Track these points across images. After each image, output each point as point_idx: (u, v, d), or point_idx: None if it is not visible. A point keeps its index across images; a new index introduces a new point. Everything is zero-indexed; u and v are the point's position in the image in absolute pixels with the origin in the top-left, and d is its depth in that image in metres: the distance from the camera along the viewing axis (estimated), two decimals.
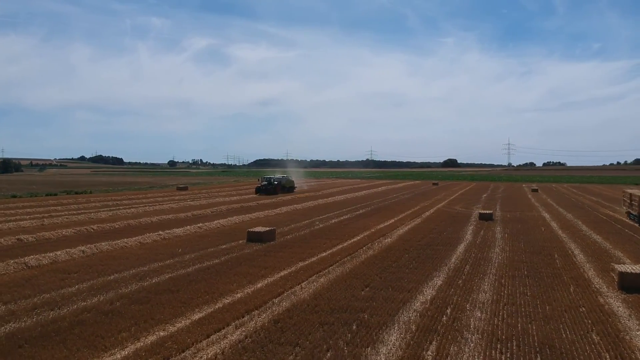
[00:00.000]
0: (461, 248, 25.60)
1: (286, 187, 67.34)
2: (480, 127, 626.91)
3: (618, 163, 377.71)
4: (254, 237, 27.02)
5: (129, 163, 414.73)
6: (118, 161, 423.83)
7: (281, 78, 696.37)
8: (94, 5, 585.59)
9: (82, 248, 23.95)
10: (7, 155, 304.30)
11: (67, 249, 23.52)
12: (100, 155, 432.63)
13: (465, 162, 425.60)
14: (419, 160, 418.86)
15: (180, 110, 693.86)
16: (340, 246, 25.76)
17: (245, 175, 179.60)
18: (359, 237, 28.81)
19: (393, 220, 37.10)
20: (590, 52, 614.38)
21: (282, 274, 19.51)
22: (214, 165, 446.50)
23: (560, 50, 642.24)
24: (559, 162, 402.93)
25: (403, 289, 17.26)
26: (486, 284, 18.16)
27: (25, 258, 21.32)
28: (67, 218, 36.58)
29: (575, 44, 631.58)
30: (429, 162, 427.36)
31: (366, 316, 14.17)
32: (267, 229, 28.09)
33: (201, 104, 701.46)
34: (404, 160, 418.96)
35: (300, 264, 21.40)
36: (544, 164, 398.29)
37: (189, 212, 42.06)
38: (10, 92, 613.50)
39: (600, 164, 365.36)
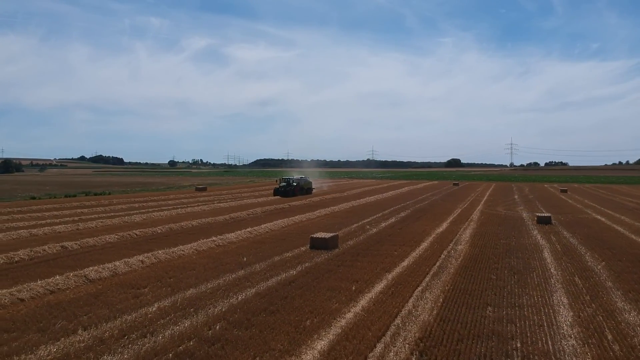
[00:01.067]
0: (547, 256, 23.48)
1: (304, 188, 64.36)
2: (478, 127, 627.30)
3: (620, 163, 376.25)
4: (318, 244, 24.91)
5: (129, 163, 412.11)
6: (118, 161, 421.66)
7: (280, 78, 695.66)
8: (92, 5, 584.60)
9: (140, 257, 21.73)
10: (6, 155, 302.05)
11: (125, 259, 21.35)
12: (101, 155, 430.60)
13: (467, 162, 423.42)
14: (418, 160, 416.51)
15: (178, 110, 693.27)
16: (415, 254, 23.78)
17: (248, 175, 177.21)
18: (425, 244, 26.75)
19: (446, 224, 35.29)
20: (588, 52, 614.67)
21: (378, 288, 17.39)
22: (214, 165, 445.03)
23: (559, 50, 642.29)
24: (561, 162, 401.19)
25: (532, 307, 14.98)
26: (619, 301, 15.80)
27: (85, 270, 19.08)
28: (101, 222, 34.30)
29: (573, 43, 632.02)
30: (429, 162, 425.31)
31: (518, 344, 11.99)
32: (331, 235, 25.93)
33: (200, 103, 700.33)
34: (405, 160, 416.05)
35: (389, 275, 19.29)
36: (546, 164, 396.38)
37: (225, 214, 39.98)
38: (8, 92, 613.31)
39: (601, 163, 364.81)
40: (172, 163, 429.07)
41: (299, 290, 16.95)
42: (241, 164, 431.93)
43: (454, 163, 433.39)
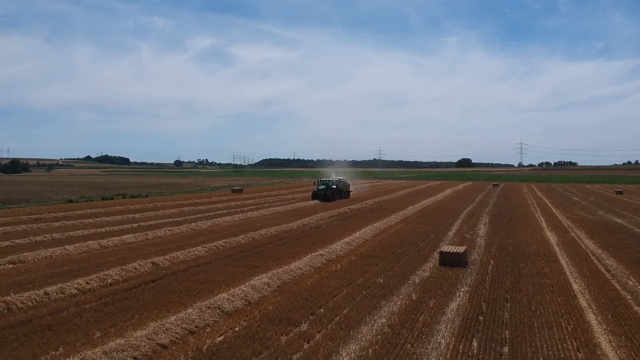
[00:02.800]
0: None
1: (343, 191, 58.38)
2: (483, 127, 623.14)
3: (629, 162, 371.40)
4: (449, 260, 21.16)
5: (135, 163, 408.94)
6: (124, 161, 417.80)
7: (283, 78, 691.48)
8: (95, 5, 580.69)
9: (262, 279, 18.13)
10: (12, 155, 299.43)
11: (249, 282, 17.37)
12: (107, 155, 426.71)
13: (475, 162, 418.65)
14: (424, 159, 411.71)
15: (182, 110, 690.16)
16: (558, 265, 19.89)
17: (257, 175, 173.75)
18: (563, 258, 22.69)
19: (550, 233, 32.01)
20: (593, 51, 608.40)
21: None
22: (220, 164, 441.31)
23: (563, 49, 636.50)
24: (570, 162, 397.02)
25: None
26: None
27: (212, 299, 15.53)
28: (168, 230, 30.73)
29: (578, 43, 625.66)
30: (436, 162, 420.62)
31: None
32: (463, 249, 22.17)
33: (204, 103, 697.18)
34: (411, 159, 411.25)
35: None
36: (555, 164, 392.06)
37: (292, 220, 36.60)
38: (13, 92, 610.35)
39: (609, 163, 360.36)
40: (178, 163, 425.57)
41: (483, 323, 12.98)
42: (246, 164, 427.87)
43: (465, 163, 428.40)
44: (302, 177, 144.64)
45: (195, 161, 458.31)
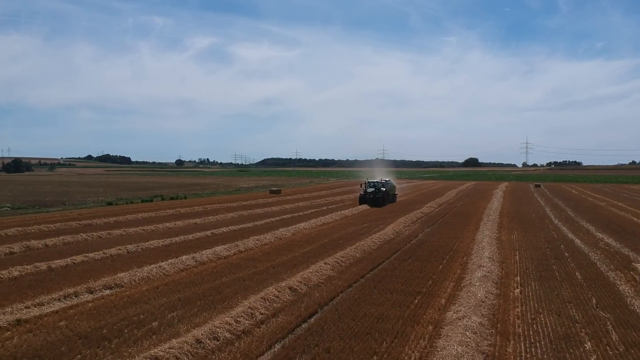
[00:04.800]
0: None
1: (390, 194, 51.76)
2: (484, 126, 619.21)
3: (633, 162, 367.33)
4: None
5: (136, 162, 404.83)
6: (126, 160, 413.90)
7: (284, 77, 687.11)
8: (95, 4, 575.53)
9: (453, 314, 13.13)
10: (12, 154, 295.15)
11: (446, 321, 12.80)
12: (108, 155, 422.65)
13: (481, 161, 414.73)
14: (426, 159, 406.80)
15: (182, 109, 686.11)
16: None
17: (262, 175, 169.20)
18: None
19: None
20: (593, 50, 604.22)
21: None
22: (222, 164, 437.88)
23: (563, 49, 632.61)
24: (575, 162, 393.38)
25: None
26: None
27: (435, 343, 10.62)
28: (256, 240, 26.23)
29: (578, 42, 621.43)
30: (438, 162, 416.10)
31: None
32: None
33: (204, 102, 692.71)
34: (413, 159, 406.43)
35: None
36: (559, 164, 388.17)
37: (381, 227, 32.57)
38: (13, 92, 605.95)
39: (613, 163, 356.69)
40: (180, 162, 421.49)
41: None
42: (248, 163, 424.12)
43: (472, 162, 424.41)
44: (329, 178, 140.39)
45: (197, 160, 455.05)
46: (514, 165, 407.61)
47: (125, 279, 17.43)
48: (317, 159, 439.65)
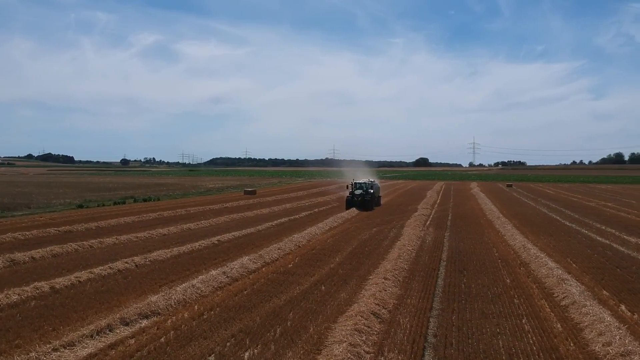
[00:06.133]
0: None
1: (376, 196, 47.60)
2: (431, 127, 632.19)
3: (574, 162, 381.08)
4: None
5: (79, 161, 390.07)
6: (69, 159, 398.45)
7: (232, 76, 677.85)
8: None
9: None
10: None
11: None
12: (50, 154, 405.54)
13: (432, 161, 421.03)
14: (375, 159, 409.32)
15: (127, 108, 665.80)
16: None
17: (213, 175, 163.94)
18: None
19: None
20: (534, 54, 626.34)
21: None
22: (168, 163, 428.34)
23: (506, 51, 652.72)
24: (519, 162, 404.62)
25: None
26: None
27: None
28: (277, 249, 23.42)
29: (519, 45, 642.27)
30: (387, 161, 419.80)
31: None
32: None
33: (149, 101, 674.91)
34: (363, 159, 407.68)
35: None
36: (504, 164, 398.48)
37: (400, 230, 30.23)
38: None
39: (555, 162, 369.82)
40: (125, 161, 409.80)
41: None
42: (196, 163, 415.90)
43: (423, 162, 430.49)
44: (296, 178, 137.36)
45: (142, 160, 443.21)
46: (460, 165, 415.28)
47: (160, 304, 14.13)
48: (267, 158, 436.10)
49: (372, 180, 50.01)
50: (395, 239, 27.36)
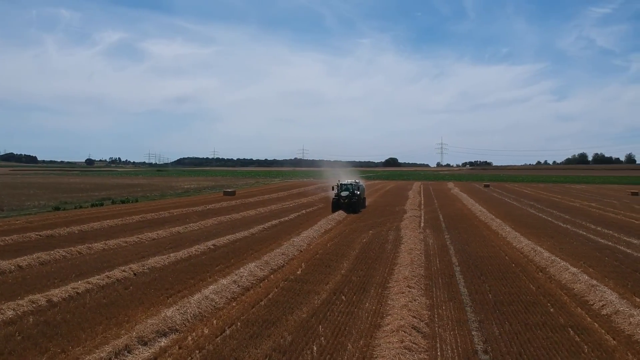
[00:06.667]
0: None
1: (362, 198, 45.46)
2: (398, 127, 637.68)
3: (539, 162, 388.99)
4: None
5: (43, 161, 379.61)
6: (32, 159, 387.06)
7: (198, 75, 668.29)
8: None
9: None
10: None
11: None
12: (12, 153, 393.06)
13: (401, 161, 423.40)
14: (343, 159, 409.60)
15: (91, 106, 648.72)
16: None
17: (181, 175, 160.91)
18: None
19: None
20: (499, 56, 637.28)
21: None
22: (134, 163, 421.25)
23: (471, 53, 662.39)
24: (485, 162, 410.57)
25: None
26: None
27: None
28: (281, 254, 22.01)
29: (485, 47, 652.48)
30: (355, 161, 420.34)
31: None
32: None
33: (114, 100, 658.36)
34: (332, 159, 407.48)
35: None
36: (471, 164, 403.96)
37: (398, 233, 29.27)
38: None
39: (520, 162, 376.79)
40: (90, 161, 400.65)
41: None
42: (162, 162, 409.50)
43: (392, 162, 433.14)
44: (273, 178, 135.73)
45: (108, 160, 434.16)
46: (428, 165, 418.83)
47: (176, 319, 12.84)
48: (235, 158, 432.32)
49: (357, 181, 48.72)
50: (397, 242, 26.51)
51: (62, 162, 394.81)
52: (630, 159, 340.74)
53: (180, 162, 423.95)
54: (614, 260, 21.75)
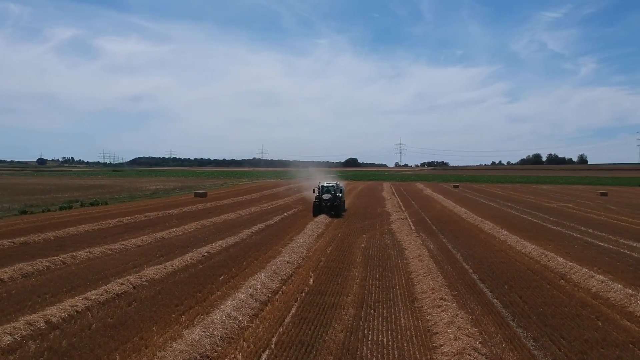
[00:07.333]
0: None
1: (343, 200, 43.42)
2: (357, 127, 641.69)
3: (493, 163, 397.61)
4: None
5: None
6: None
7: (154, 73, 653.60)
8: None
9: None
10: None
11: None
12: None
13: (361, 161, 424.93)
14: (302, 159, 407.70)
15: (43, 105, 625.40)
16: None
17: (137, 175, 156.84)
18: None
19: None
20: (454, 58, 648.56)
21: None
22: (88, 163, 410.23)
23: (427, 55, 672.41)
24: (442, 162, 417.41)
25: None
26: None
27: None
28: (286, 263, 20.59)
29: (440, 49, 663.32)
30: (313, 161, 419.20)
31: None
32: None
33: (67, 98, 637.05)
34: (290, 159, 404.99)
35: None
36: (428, 164, 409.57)
37: (392, 236, 28.45)
38: None
39: (476, 163, 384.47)
40: (42, 161, 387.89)
41: None
42: (117, 162, 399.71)
43: (352, 162, 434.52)
44: (241, 179, 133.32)
45: (61, 159, 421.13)
46: (385, 165, 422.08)
47: (204, 343, 11.46)
48: (192, 158, 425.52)
49: (338, 182, 47.29)
50: (398, 247, 25.59)
51: (12, 161, 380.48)
52: (582, 160, 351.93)
53: (136, 161, 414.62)
54: (627, 265, 21.24)
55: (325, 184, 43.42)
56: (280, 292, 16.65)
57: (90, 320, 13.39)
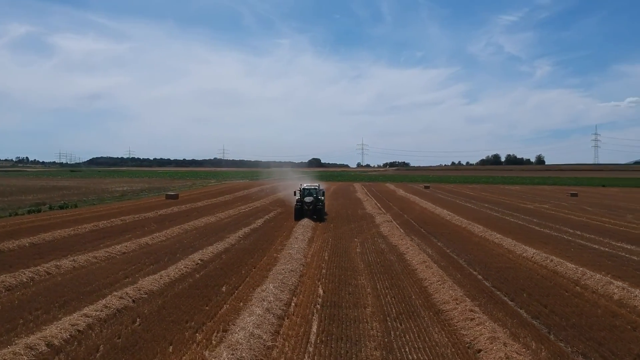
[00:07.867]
0: None
1: (324, 203, 41.78)
2: (318, 128, 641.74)
3: (453, 163, 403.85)
4: None
5: None
6: None
7: (111, 72, 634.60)
8: None
9: None
10: None
11: None
12: None
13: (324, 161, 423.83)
14: (264, 159, 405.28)
15: None
16: None
17: (97, 176, 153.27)
18: None
19: None
20: (413, 59, 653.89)
21: None
22: (44, 163, 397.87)
23: (387, 56, 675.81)
24: (404, 162, 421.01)
25: None
26: None
27: None
28: (290, 271, 19.54)
29: (400, 51, 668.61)
30: (275, 162, 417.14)
31: None
32: None
33: (20, 96, 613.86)
34: (252, 159, 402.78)
35: None
36: (390, 164, 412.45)
37: (386, 240, 27.76)
38: None
39: (436, 163, 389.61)
40: None
41: None
42: (74, 162, 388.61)
43: (316, 163, 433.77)
44: (209, 179, 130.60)
45: (14, 159, 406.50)
46: (348, 166, 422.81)
47: None
48: (152, 158, 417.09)
49: (318, 184, 45.95)
50: (395, 252, 24.95)
51: None
52: (540, 160, 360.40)
53: (94, 161, 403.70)
54: (634, 270, 20.89)
55: (306, 186, 42.03)
56: (293, 305, 15.60)
57: (95, 341, 12.06)
